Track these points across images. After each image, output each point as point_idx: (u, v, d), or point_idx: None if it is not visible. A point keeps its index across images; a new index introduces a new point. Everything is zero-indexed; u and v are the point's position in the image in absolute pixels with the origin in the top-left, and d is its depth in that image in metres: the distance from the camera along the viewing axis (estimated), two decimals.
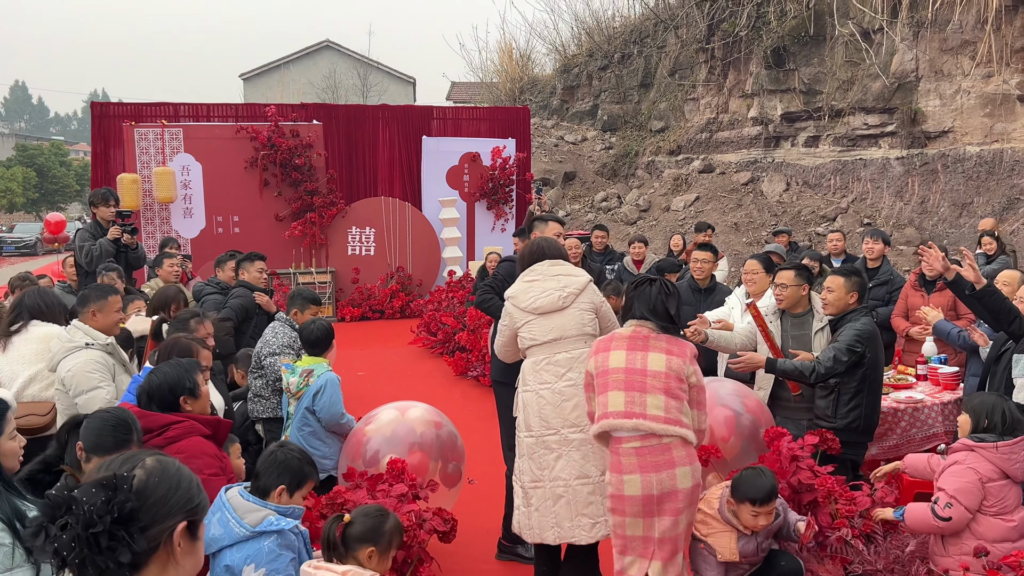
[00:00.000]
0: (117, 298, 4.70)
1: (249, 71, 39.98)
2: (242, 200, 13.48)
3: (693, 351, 3.59)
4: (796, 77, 16.34)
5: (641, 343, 3.55)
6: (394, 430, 4.55)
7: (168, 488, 1.57)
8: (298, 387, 4.75)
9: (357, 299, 13.87)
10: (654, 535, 3.41)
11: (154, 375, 3.33)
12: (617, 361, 3.53)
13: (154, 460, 1.60)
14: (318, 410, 4.66)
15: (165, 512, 1.55)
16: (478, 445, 6.80)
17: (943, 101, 13.72)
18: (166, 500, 1.55)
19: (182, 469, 1.63)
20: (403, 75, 41.57)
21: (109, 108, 13.84)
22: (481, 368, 9.13)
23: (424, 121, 14.85)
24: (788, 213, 15.73)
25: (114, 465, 1.58)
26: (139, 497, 1.51)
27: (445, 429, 4.76)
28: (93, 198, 8.01)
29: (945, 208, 13.40)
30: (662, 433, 3.38)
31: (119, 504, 1.45)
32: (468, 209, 14.88)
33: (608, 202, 19.60)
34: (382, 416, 4.70)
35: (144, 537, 1.50)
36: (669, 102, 20.68)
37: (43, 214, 43.74)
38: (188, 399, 3.30)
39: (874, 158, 15.01)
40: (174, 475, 1.60)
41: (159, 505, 1.54)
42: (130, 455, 1.62)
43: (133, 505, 1.48)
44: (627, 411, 3.43)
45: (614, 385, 3.51)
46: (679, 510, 3.39)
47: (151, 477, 1.55)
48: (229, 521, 2.88)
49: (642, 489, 3.37)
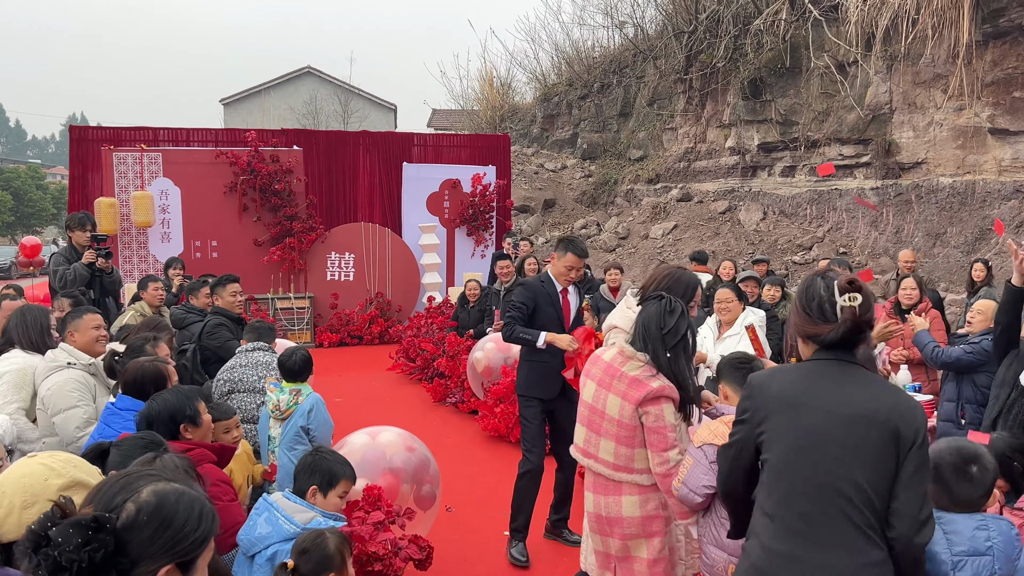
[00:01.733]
0: (94, 316, 4.67)
1: (229, 96, 39.96)
2: (221, 225, 13.42)
3: (656, 393, 3.26)
4: (773, 108, 16.58)
5: (608, 380, 3.42)
6: (364, 455, 4.52)
7: (157, 527, 1.46)
8: (288, 405, 4.73)
9: (336, 324, 13.80)
10: (612, 552, 3.48)
11: (154, 402, 3.27)
12: (588, 394, 3.52)
13: (151, 493, 1.49)
14: (313, 428, 4.67)
15: (149, 554, 1.45)
16: (456, 472, 6.77)
17: (916, 133, 13.95)
18: (152, 541, 1.45)
19: (181, 501, 1.51)
20: (384, 102, 41.72)
21: (88, 132, 13.77)
22: (460, 395, 9.09)
23: (405, 148, 14.89)
24: (765, 242, 15.88)
25: (109, 493, 1.49)
26: (122, 536, 1.42)
27: (418, 452, 4.74)
28: (70, 222, 7.95)
29: (919, 238, 13.58)
30: (610, 477, 3.43)
31: (93, 551, 1.36)
32: (448, 235, 14.90)
33: (587, 229, 19.70)
34: (353, 441, 4.67)
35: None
36: (648, 131, 20.89)
37: (18, 237, 43.30)
38: (189, 427, 3.26)
39: (849, 188, 15.21)
40: (170, 510, 1.49)
41: (144, 545, 1.44)
42: (131, 480, 1.52)
43: (110, 550, 1.39)
44: (585, 449, 3.52)
45: (581, 419, 3.57)
46: (627, 535, 3.39)
47: (140, 514, 1.45)
48: (279, 519, 3.07)
49: (594, 507, 3.49)
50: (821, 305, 2.40)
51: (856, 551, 2.22)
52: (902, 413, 2.28)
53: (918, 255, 13.25)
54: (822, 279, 2.46)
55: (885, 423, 2.26)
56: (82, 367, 4.43)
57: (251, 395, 5.30)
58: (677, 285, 3.70)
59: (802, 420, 2.33)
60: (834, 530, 2.25)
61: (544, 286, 5.29)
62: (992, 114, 12.54)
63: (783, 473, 2.34)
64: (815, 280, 2.47)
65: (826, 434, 2.29)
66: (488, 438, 7.90)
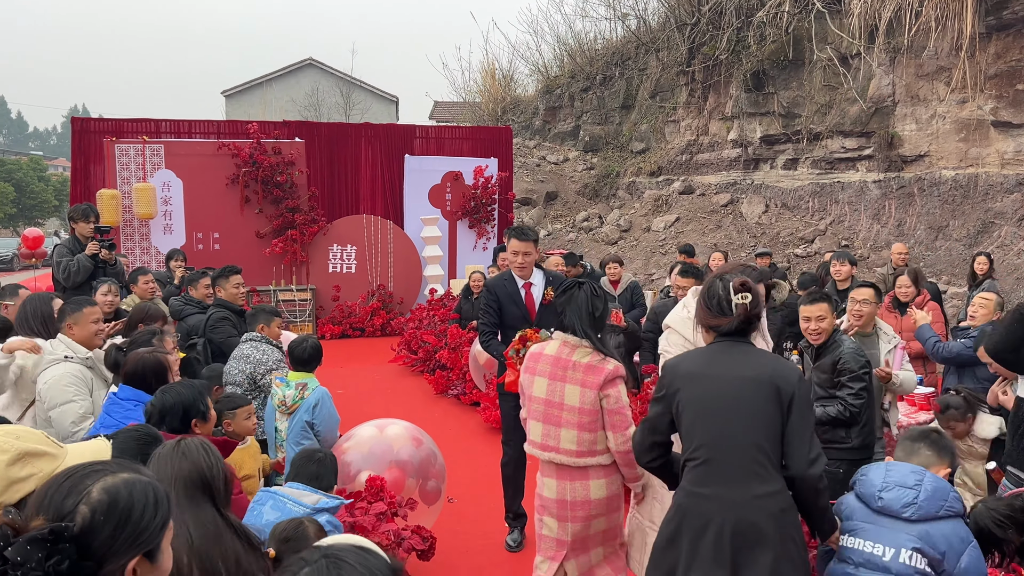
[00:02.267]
0: (93, 309, 4.64)
1: (231, 88, 39.91)
2: (223, 217, 13.43)
3: (612, 375, 3.55)
4: (775, 100, 16.55)
5: (561, 372, 3.62)
6: (371, 448, 4.54)
7: (116, 524, 1.43)
8: (294, 400, 4.74)
9: (338, 317, 13.82)
10: (567, 538, 3.65)
11: (167, 395, 3.29)
12: (539, 390, 3.68)
13: (101, 491, 1.45)
14: (318, 423, 4.68)
15: (114, 551, 1.42)
16: (458, 464, 6.79)
17: (919, 126, 13.93)
18: (114, 539, 1.42)
19: (134, 492, 1.48)
20: (386, 94, 41.64)
21: (90, 124, 13.77)
22: (462, 386, 9.11)
23: (407, 140, 14.88)
24: (767, 234, 15.87)
25: (57, 497, 1.43)
26: (82, 540, 1.38)
27: (425, 447, 4.75)
28: (73, 214, 7.96)
29: (921, 231, 13.58)
30: (574, 465, 3.61)
31: (56, 564, 1.33)
32: (450, 228, 14.91)
33: (589, 222, 19.70)
34: (361, 433, 4.69)
35: None
36: (650, 124, 20.86)
37: (20, 229, 43.32)
38: (199, 422, 3.28)
39: (852, 181, 15.20)
40: (125, 506, 1.45)
41: (107, 545, 1.41)
42: (76, 481, 1.46)
43: (73, 558, 1.36)
44: (543, 443, 3.69)
45: (534, 415, 3.75)
46: (590, 516, 3.62)
47: (96, 515, 1.42)
48: (286, 503, 3.13)
49: (557, 493, 3.64)
50: (720, 303, 2.95)
51: (749, 485, 2.78)
52: (781, 375, 2.83)
53: (920, 248, 13.25)
54: (720, 280, 2.99)
55: (767, 383, 2.81)
56: (79, 360, 4.41)
57: (233, 388, 5.18)
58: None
59: (705, 388, 2.89)
60: (732, 471, 2.80)
61: (506, 284, 5.20)
62: (995, 107, 12.52)
63: (694, 431, 2.89)
64: (715, 281, 3.01)
65: (722, 396, 2.86)
66: (490, 430, 7.92)
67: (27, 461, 1.85)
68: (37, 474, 1.84)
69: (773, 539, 2.77)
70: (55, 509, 1.42)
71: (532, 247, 5.09)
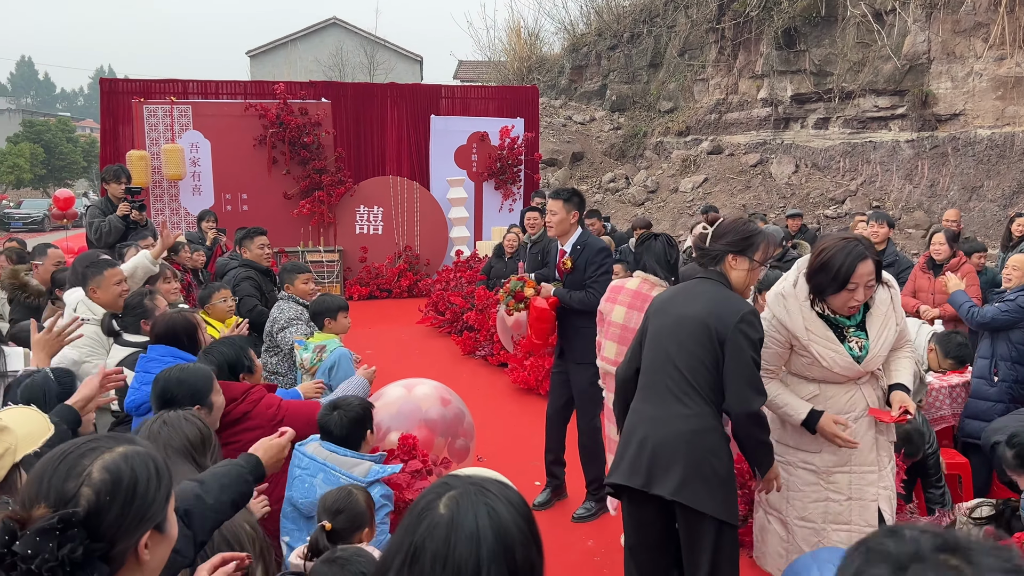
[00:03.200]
0: (115, 271, 4.62)
1: (255, 48, 39.81)
2: (250, 178, 13.48)
3: None
4: (807, 58, 16.25)
5: (639, 303, 4.25)
6: (400, 407, 4.57)
7: (124, 502, 1.40)
8: (312, 362, 4.79)
9: (365, 278, 13.90)
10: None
11: (211, 355, 3.51)
12: (618, 316, 4.36)
13: (102, 470, 1.41)
14: (334, 385, 4.66)
15: (124, 530, 1.40)
16: (486, 423, 6.84)
17: (955, 84, 13.63)
18: (123, 517, 1.40)
19: (136, 467, 1.45)
20: (410, 53, 41.34)
21: (118, 84, 13.81)
22: (489, 348, 9.16)
23: (432, 100, 14.79)
24: (797, 195, 15.69)
25: (56, 481, 1.39)
26: (90, 523, 1.36)
27: (453, 406, 4.78)
28: (105, 175, 8.03)
29: (955, 191, 13.35)
30: None
31: (71, 551, 1.31)
32: (476, 189, 14.87)
33: (616, 183, 19.57)
34: (389, 393, 4.71)
35: (106, 563, 1.37)
36: (678, 82, 20.58)
37: (50, 190, 43.80)
38: (246, 376, 3.57)
39: (884, 141, 14.94)
40: (128, 481, 1.42)
41: (116, 525, 1.39)
42: (73, 462, 1.42)
43: (85, 543, 1.33)
44: (615, 360, 4.12)
45: (611, 336, 4.39)
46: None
47: (101, 496, 1.38)
48: (340, 479, 3.14)
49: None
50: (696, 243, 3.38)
51: (670, 407, 3.14)
52: (718, 316, 3.09)
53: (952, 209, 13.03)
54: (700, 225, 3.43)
55: (702, 322, 3.10)
56: (95, 321, 4.42)
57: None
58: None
59: (660, 321, 3.27)
60: (661, 394, 3.18)
61: (553, 243, 5.36)
62: None
63: (645, 358, 3.29)
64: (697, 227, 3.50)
65: (667, 330, 3.22)
66: (518, 390, 7.98)
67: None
68: (9, 448, 1.81)
69: (685, 456, 3.08)
70: (56, 494, 1.38)
71: (559, 206, 4.99)
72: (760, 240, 3.25)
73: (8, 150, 43.44)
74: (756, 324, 3.10)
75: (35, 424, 2.07)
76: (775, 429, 3.49)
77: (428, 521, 1.28)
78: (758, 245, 3.23)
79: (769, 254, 3.33)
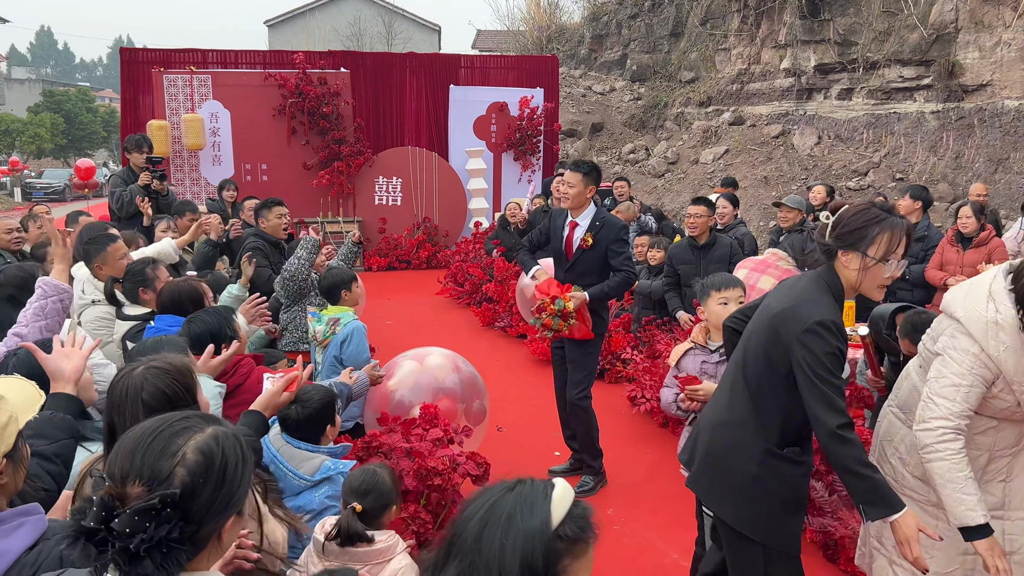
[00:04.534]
0: (118, 246, 4.51)
1: (274, 18, 39.70)
2: (270, 148, 13.49)
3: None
4: (831, 27, 15.98)
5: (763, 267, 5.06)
6: (417, 380, 4.58)
7: (215, 486, 1.41)
8: (324, 335, 4.77)
9: (384, 249, 13.92)
10: None
11: (193, 324, 3.39)
12: (766, 284, 4.83)
13: (195, 451, 1.41)
14: (345, 358, 4.64)
15: (213, 513, 1.41)
16: (505, 394, 6.89)
17: (982, 53, 13.38)
18: (213, 501, 1.41)
19: (226, 449, 1.45)
20: (428, 23, 41.08)
21: (138, 54, 13.81)
22: (508, 319, 9.18)
23: (452, 70, 14.71)
24: (819, 167, 15.52)
25: (149, 459, 1.39)
26: (184, 503, 1.36)
27: (465, 371, 4.79)
28: (127, 144, 8.08)
29: (980, 164, 13.16)
30: None
31: (168, 531, 1.32)
32: (495, 160, 14.81)
33: (636, 154, 19.43)
34: (403, 367, 4.70)
35: (193, 543, 1.39)
36: (700, 52, 20.33)
37: (71, 160, 44.06)
38: (227, 345, 3.36)
39: (908, 112, 14.72)
40: (220, 466, 1.43)
41: (206, 507, 1.40)
42: (167, 440, 1.42)
43: (180, 524, 1.35)
44: None
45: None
46: None
47: (196, 478, 1.39)
48: (287, 475, 3.03)
49: None
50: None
51: (720, 410, 2.90)
52: (785, 320, 2.66)
53: (978, 181, 12.85)
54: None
55: (772, 323, 2.71)
56: (103, 302, 4.34)
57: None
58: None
59: (759, 309, 2.93)
60: (720, 393, 2.97)
61: (560, 215, 5.13)
62: None
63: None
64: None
65: (754, 320, 2.90)
66: (537, 362, 8.00)
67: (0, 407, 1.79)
68: (12, 416, 1.80)
69: (705, 444, 2.92)
70: (150, 472, 1.37)
71: (577, 179, 4.88)
72: (876, 231, 2.62)
73: (29, 120, 43.65)
74: (827, 336, 2.57)
75: (26, 391, 2.06)
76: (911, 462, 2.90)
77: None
78: (872, 237, 2.62)
79: (894, 248, 2.63)
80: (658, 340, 6.74)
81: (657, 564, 4.27)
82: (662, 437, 6.10)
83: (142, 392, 2.12)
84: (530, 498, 1.42)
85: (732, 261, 6.39)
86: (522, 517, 1.39)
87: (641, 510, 4.88)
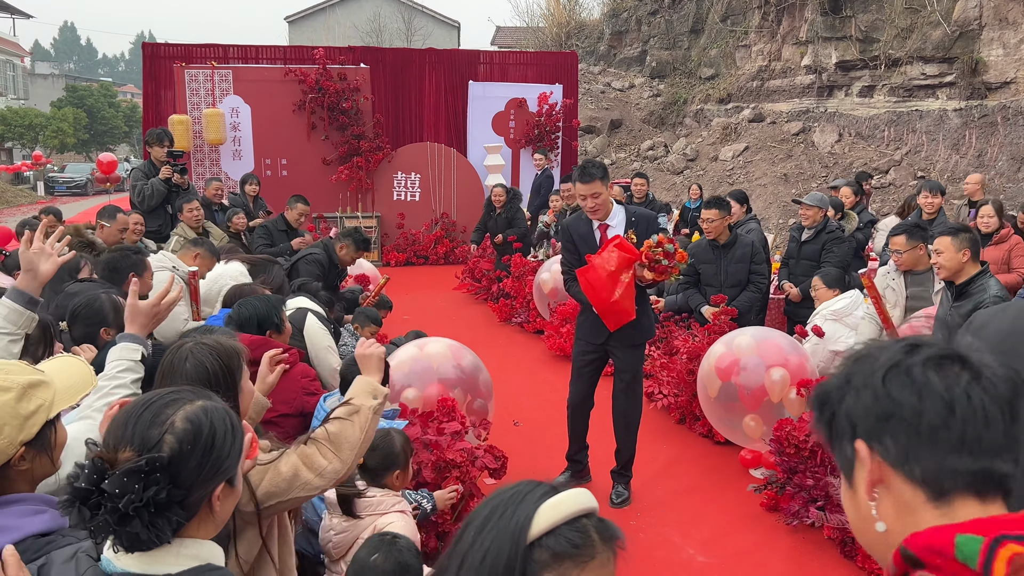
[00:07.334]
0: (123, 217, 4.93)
1: (294, 14, 39.80)
2: (290, 143, 13.56)
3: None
4: (853, 24, 15.87)
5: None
6: (412, 366, 4.61)
7: (203, 452, 1.47)
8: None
9: (402, 244, 13.97)
10: None
11: (243, 308, 3.50)
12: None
13: (184, 420, 1.48)
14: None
15: (201, 479, 1.47)
16: (522, 390, 6.91)
17: (1006, 51, 13.24)
18: (201, 468, 1.46)
19: (215, 420, 1.52)
20: (447, 19, 41.07)
21: (160, 49, 13.91)
22: (525, 315, 9.19)
23: (471, 66, 14.71)
24: (839, 165, 15.42)
25: (139, 428, 1.46)
26: (172, 469, 1.42)
27: (468, 363, 4.78)
28: (149, 138, 8.15)
29: (1003, 162, 13.03)
30: None
31: (156, 492, 1.38)
32: (513, 156, 14.80)
33: (655, 151, 19.37)
34: (401, 353, 4.75)
35: (183, 508, 1.43)
36: (720, 49, 20.24)
37: (93, 155, 44.40)
38: (273, 333, 3.50)
39: (931, 109, 14.60)
40: (208, 433, 1.49)
41: (194, 474, 1.45)
42: (157, 410, 1.49)
43: (168, 487, 1.40)
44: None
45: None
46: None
47: (183, 444, 1.45)
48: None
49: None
50: None
51: None
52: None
53: (1001, 180, 12.73)
54: None
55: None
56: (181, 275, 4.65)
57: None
58: None
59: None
60: None
61: (580, 224, 4.76)
62: None
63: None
64: None
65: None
66: (554, 357, 8.00)
67: (31, 394, 1.80)
68: (44, 404, 1.81)
69: None
70: (140, 439, 1.44)
71: (598, 186, 4.53)
72: None
73: (52, 115, 44.00)
74: None
75: (78, 376, 2.06)
76: None
77: None
78: None
79: None
80: (675, 336, 6.72)
81: (673, 559, 4.27)
82: (679, 433, 6.09)
83: (186, 362, 2.19)
84: (521, 497, 1.25)
85: (754, 260, 6.37)
86: (501, 515, 1.23)
87: (657, 505, 4.88)
